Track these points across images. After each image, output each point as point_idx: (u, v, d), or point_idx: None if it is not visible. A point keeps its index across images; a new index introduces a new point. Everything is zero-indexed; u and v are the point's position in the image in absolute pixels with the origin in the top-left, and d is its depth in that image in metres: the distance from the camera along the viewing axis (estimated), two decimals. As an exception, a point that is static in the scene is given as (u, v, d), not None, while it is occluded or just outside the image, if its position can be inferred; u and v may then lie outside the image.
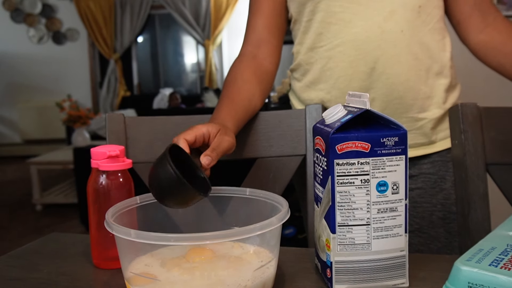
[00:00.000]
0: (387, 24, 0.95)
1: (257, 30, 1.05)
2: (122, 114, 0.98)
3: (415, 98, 0.99)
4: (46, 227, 3.76)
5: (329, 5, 0.98)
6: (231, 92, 0.95)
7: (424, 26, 0.97)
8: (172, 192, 0.65)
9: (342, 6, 0.97)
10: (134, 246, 0.62)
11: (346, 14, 0.97)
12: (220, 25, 6.69)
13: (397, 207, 0.61)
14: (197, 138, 0.75)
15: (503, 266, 0.52)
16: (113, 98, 7.07)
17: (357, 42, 0.96)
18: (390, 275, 0.62)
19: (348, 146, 0.59)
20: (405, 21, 0.95)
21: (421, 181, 1.05)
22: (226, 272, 0.59)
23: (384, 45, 0.95)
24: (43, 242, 0.85)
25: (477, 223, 0.87)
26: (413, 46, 0.96)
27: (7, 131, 7.26)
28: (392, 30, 0.95)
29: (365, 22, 0.95)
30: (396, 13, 0.95)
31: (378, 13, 0.95)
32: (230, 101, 0.93)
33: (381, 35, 0.95)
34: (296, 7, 1.03)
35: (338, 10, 0.97)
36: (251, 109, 0.97)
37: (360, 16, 0.96)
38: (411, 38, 0.96)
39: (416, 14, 0.96)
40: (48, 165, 4.39)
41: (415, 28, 0.96)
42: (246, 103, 0.95)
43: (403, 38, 0.96)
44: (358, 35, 0.96)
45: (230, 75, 1.00)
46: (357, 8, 0.96)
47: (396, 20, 0.95)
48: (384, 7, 0.95)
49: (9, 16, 7.05)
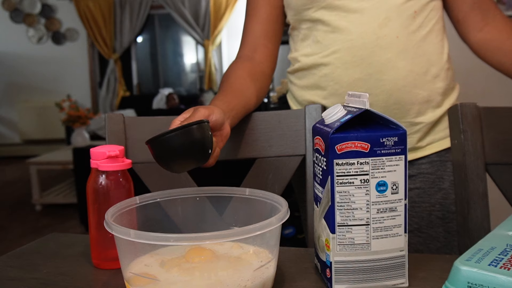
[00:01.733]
0: (382, 30, 0.96)
1: (253, 35, 1.06)
2: (122, 114, 0.98)
3: (413, 103, 0.99)
4: (45, 227, 3.76)
5: (325, 14, 0.99)
6: (224, 87, 0.96)
7: (421, 30, 0.98)
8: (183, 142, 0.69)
9: (338, 15, 0.98)
10: (134, 246, 0.62)
11: (342, 22, 0.97)
12: (220, 25, 6.69)
13: (396, 207, 0.61)
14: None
15: (503, 266, 0.52)
16: (112, 98, 7.07)
17: (353, 49, 0.97)
18: (389, 275, 0.62)
19: (348, 146, 0.59)
20: (400, 27, 0.96)
21: (420, 181, 1.06)
22: (225, 272, 0.59)
23: (379, 51, 0.96)
24: (42, 242, 0.85)
25: (476, 223, 0.87)
26: (409, 50, 0.96)
27: (6, 131, 7.26)
28: (387, 36, 0.95)
29: (361, 29, 0.96)
30: (390, 19, 0.96)
31: (373, 20, 0.96)
32: (222, 92, 0.94)
33: (376, 41, 0.96)
34: (293, 14, 1.04)
35: (334, 18, 0.98)
36: (244, 97, 0.95)
37: (355, 24, 0.97)
38: (407, 43, 0.96)
39: (412, 19, 0.97)
40: (48, 165, 4.39)
41: (411, 33, 0.97)
42: (239, 92, 0.95)
43: (399, 44, 0.96)
44: (354, 42, 0.97)
45: (225, 76, 1.01)
46: (353, 16, 0.97)
47: (391, 26, 0.96)
48: (379, 14, 0.96)
49: (8, 16, 7.05)
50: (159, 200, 0.72)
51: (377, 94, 0.97)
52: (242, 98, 0.95)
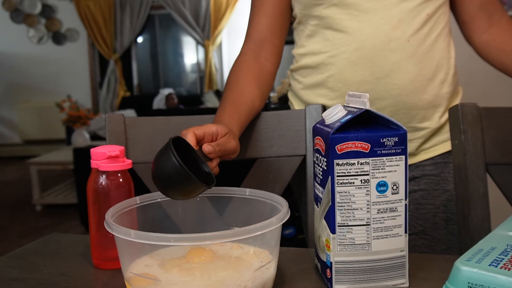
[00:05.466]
0: (394, 33, 0.94)
1: (259, 29, 1.04)
2: (122, 115, 0.98)
3: (420, 108, 0.98)
4: (46, 227, 3.76)
5: (336, 12, 0.96)
6: (233, 94, 0.95)
7: (430, 34, 0.96)
8: (175, 182, 0.65)
9: (349, 14, 0.95)
10: (134, 246, 0.62)
11: (354, 22, 0.95)
12: (220, 25, 6.69)
13: (397, 207, 0.61)
14: (206, 135, 0.76)
15: (503, 266, 0.52)
16: (113, 99, 7.07)
17: (363, 50, 0.95)
18: (390, 275, 0.62)
19: (348, 146, 0.59)
20: (412, 30, 0.94)
21: (424, 182, 1.05)
22: (226, 273, 0.59)
23: (390, 54, 0.94)
24: (43, 242, 0.85)
25: (477, 223, 0.87)
26: (419, 55, 0.95)
27: (6, 131, 7.26)
28: (399, 39, 0.94)
29: (373, 31, 0.94)
30: (404, 22, 0.94)
31: (385, 22, 0.94)
32: (233, 103, 0.93)
33: (388, 44, 0.94)
34: (301, 9, 1.02)
35: (345, 17, 0.96)
36: (253, 112, 0.97)
37: (367, 25, 0.95)
38: (418, 48, 0.95)
39: (424, 23, 0.95)
40: (48, 165, 4.39)
41: (422, 37, 0.95)
42: (250, 105, 0.95)
43: (410, 48, 0.94)
44: (365, 43, 0.95)
45: (233, 75, 1.00)
46: (364, 16, 0.95)
47: (404, 29, 0.94)
48: (392, 16, 0.94)
49: (8, 17, 7.05)
50: (159, 200, 0.72)
51: (386, 98, 0.96)
52: (251, 110, 0.95)
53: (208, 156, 0.74)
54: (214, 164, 0.75)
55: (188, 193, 0.67)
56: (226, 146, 0.77)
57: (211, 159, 0.75)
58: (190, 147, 0.72)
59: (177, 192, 0.67)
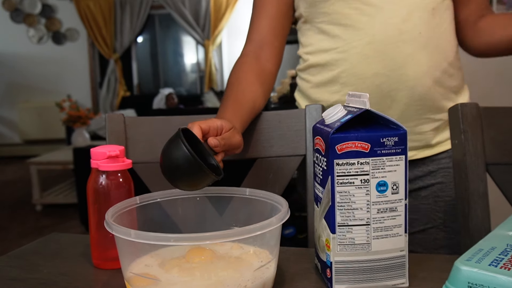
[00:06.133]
0: (405, 25, 0.94)
1: (260, 31, 1.04)
2: (122, 114, 0.98)
3: (434, 99, 0.99)
4: (46, 227, 3.76)
5: (344, 7, 0.97)
6: (235, 94, 0.95)
7: (438, 28, 0.98)
8: (184, 171, 0.65)
9: (357, 8, 0.96)
10: (134, 246, 0.62)
11: (362, 16, 0.96)
12: (220, 25, 6.69)
13: (397, 207, 0.61)
14: (211, 129, 0.76)
15: (503, 266, 0.52)
16: (113, 98, 7.07)
17: (375, 44, 0.95)
18: (390, 275, 0.62)
19: (348, 146, 0.59)
20: (422, 23, 0.95)
21: (441, 175, 1.06)
22: (226, 273, 0.59)
23: (403, 46, 0.94)
24: (43, 242, 0.85)
25: (477, 223, 0.87)
26: (430, 48, 0.96)
27: (7, 131, 7.26)
28: (411, 31, 0.95)
29: (383, 24, 0.95)
30: (413, 14, 0.95)
31: (395, 15, 0.95)
32: (235, 102, 0.93)
33: (400, 36, 0.94)
34: (307, 7, 1.02)
35: (353, 12, 0.96)
36: (255, 111, 0.97)
37: (376, 18, 0.95)
38: (428, 40, 0.96)
39: (431, 16, 0.96)
40: (48, 165, 4.39)
41: (431, 30, 0.96)
42: (251, 105, 0.95)
43: (421, 40, 0.95)
44: (377, 36, 0.95)
45: (234, 75, 1.00)
46: (373, 9, 0.95)
47: (414, 22, 0.95)
48: (399, 9, 0.95)
49: (8, 16, 7.05)
50: (159, 200, 0.72)
51: (401, 89, 0.96)
52: (253, 110, 0.95)
53: (213, 150, 0.74)
54: (219, 158, 0.76)
55: (197, 183, 0.68)
56: (231, 140, 0.78)
57: (216, 152, 0.75)
58: (197, 140, 0.72)
59: (186, 183, 0.67)
